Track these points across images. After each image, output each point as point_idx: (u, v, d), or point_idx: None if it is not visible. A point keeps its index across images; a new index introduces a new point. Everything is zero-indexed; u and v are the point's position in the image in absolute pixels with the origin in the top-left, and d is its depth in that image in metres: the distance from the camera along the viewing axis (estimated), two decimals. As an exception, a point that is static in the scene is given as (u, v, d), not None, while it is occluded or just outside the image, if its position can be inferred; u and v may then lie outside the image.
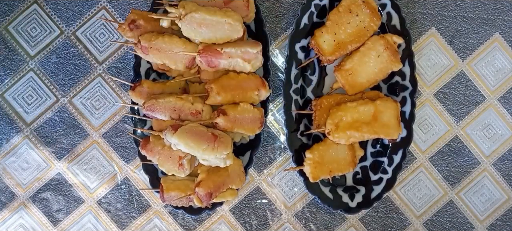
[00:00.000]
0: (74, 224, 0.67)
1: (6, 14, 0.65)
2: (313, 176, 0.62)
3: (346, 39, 0.62)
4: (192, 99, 0.60)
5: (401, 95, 0.65)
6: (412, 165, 0.69)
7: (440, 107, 0.69)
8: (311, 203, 0.69)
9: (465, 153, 0.69)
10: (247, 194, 0.68)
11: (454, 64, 0.69)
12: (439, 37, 0.68)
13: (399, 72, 0.64)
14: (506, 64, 0.69)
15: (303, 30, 0.64)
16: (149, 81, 0.62)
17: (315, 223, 0.69)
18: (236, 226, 0.68)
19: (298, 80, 0.64)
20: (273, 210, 0.68)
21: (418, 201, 0.69)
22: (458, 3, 0.68)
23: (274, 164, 0.68)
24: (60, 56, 0.66)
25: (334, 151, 0.63)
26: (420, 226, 0.70)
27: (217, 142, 0.58)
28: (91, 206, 0.67)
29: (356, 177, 0.67)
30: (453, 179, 0.70)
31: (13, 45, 0.65)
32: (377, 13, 0.62)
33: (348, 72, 0.62)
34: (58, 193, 0.67)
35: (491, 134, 0.70)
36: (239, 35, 0.58)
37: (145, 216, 0.68)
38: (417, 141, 0.69)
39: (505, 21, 0.68)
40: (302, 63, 0.64)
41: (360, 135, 0.61)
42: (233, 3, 0.60)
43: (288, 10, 0.67)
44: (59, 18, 0.65)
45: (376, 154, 0.67)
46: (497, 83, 0.69)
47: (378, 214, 0.69)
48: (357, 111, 0.61)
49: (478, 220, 0.70)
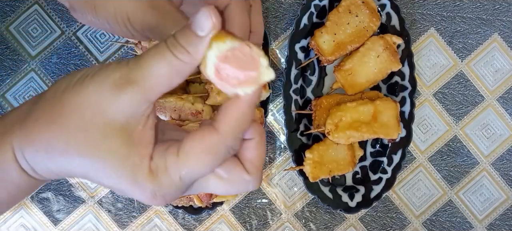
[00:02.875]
0: (74, 224, 0.68)
1: (8, 15, 0.65)
2: (313, 175, 0.62)
3: (345, 40, 0.62)
4: (193, 99, 0.60)
5: (400, 96, 0.65)
6: (411, 165, 0.69)
7: (439, 108, 0.69)
8: (311, 202, 0.69)
9: (464, 152, 0.70)
10: (247, 193, 0.68)
11: (453, 65, 0.69)
12: (438, 38, 0.69)
13: (398, 72, 0.64)
14: (505, 65, 0.69)
15: (303, 30, 0.64)
16: (150, 82, 0.62)
17: (315, 222, 0.69)
18: (236, 225, 0.69)
19: (298, 81, 0.65)
20: (273, 209, 0.69)
21: (417, 200, 0.70)
22: (457, 4, 0.68)
23: (274, 164, 0.68)
24: (61, 57, 0.66)
25: (333, 151, 0.63)
26: (419, 226, 0.70)
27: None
28: (91, 206, 0.67)
29: (356, 177, 0.68)
30: (452, 178, 0.70)
31: (14, 45, 0.65)
32: (377, 14, 0.62)
33: (348, 72, 0.63)
34: (58, 193, 0.67)
35: (490, 133, 0.70)
36: (239, 35, 0.58)
37: (145, 215, 0.68)
38: (416, 140, 0.69)
39: (504, 21, 0.69)
40: (302, 63, 0.64)
41: (360, 134, 0.61)
42: (233, 3, 0.60)
43: (288, 10, 0.67)
44: (60, 18, 0.66)
45: (375, 154, 0.67)
46: (496, 83, 0.69)
47: (377, 213, 0.69)
48: (356, 112, 0.61)
49: (477, 220, 0.70)
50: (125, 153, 0.30)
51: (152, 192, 0.30)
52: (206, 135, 0.30)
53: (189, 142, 0.30)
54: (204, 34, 0.29)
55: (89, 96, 0.29)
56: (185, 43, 0.29)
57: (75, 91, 0.30)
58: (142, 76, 0.29)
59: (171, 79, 0.29)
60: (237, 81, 0.30)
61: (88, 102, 0.29)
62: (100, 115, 0.29)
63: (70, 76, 0.31)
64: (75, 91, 0.30)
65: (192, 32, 0.29)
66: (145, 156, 0.30)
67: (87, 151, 0.30)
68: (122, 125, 0.29)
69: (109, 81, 0.29)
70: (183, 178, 0.31)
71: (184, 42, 0.29)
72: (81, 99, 0.29)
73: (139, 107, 0.30)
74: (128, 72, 0.29)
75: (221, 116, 0.31)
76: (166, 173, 0.30)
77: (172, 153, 0.30)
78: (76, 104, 0.29)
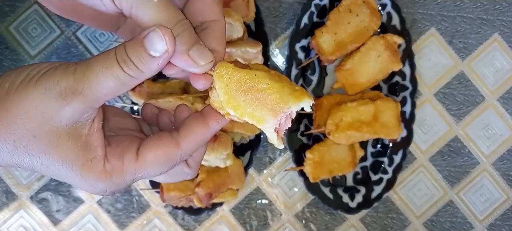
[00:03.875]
0: (74, 224, 0.67)
1: (7, 15, 0.65)
2: (313, 176, 0.62)
3: (346, 39, 0.62)
4: (192, 99, 0.60)
5: (401, 95, 0.65)
6: (412, 165, 0.69)
7: (440, 108, 0.69)
8: (311, 203, 0.69)
9: (465, 153, 0.70)
10: (247, 194, 0.68)
11: (454, 64, 0.69)
12: (439, 37, 0.68)
13: (399, 72, 0.64)
14: (505, 65, 0.69)
15: (303, 30, 0.64)
16: (149, 81, 0.62)
17: (315, 223, 0.69)
18: (236, 226, 0.68)
19: (298, 80, 0.64)
20: (273, 210, 0.69)
21: (418, 201, 0.70)
22: (458, 4, 0.68)
23: (274, 164, 0.68)
24: (60, 56, 0.66)
25: (334, 151, 0.63)
26: (420, 226, 0.70)
27: (217, 142, 0.58)
28: (91, 206, 0.67)
29: (357, 177, 0.68)
30: (452, 179, 0.70)
31: (14, 45, 0.65)
32: (377, 13, 0.62)
33: (348, 72, 0.62)
34: (57, 193, 0.67)
35: (491, 133, 0.70)
36: (239, 35, 0.58)
37: (145, 216, 0.68)
38: (417, 141, 0.69)
39: (504, 21, 0.69)
40: (302, 63, 0.64)
41: (361, 135, 0.61)
42: (233, 3, 0.60)
43: (288, 10, 0.67)
44: (59, 18, 0.65)
45: (376, 154, 0.67)
46: (496, 83, 0.69)
47: (378, 214, 0.69)
48: (357, 112, 0.61)
49: (477, 220, 0.70)
50: (74, 157, 0.30)
51: (103, 190, 0.32)
52: (166, 147, 0.32)
53: (150, 152, 0.32)
54: (158, 55, 0.29)
55: (35, 103, 0.29)
56: (136, 60, 0.29)
57: (20, 95, 0.30)
58: (89, 88, 0.29)
59: (118, 91, 0.30)
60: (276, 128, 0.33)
61: (34, 109, 0.29)
62: (46, 123, 0.29)
63: (13, 74, 0.31)
64: (19, 95, 0.30)
65: (145, 51, 0.29)
66: (95, 159, 0.31)
67: (37, 154, 0.30)
68: (68, 131, 0.30)
69: (54, 91, 0.29)
70: (136, 179, 0.33)
71: (136, 60, 0.29)
72: (27, 105, 0.29)
73: (84, 114, 0.30)
74: (75, 83, 0.29)
75: (186, 134, 0.33)
76: (122, 175, 0.32)
77: (130, 158, 0.32)
78: (22, 109, 0.29)
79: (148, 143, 0.32)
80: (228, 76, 0.32)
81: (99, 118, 0.32)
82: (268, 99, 0.31)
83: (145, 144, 0.32)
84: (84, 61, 0.30)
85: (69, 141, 0.30)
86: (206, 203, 0.60)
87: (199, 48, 0.31)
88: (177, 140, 0.32)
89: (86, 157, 0.31)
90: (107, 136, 0.33)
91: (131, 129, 0.37)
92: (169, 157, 0.32)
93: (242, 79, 0.32)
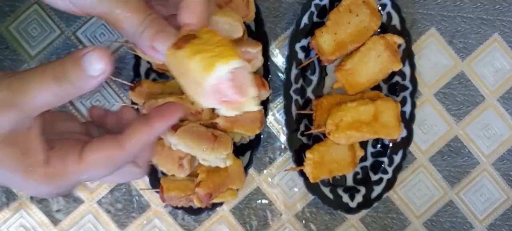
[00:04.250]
0: (74, 224, 0.67)
1: (7, 15, 0.65)
2: (313, 176, 0.62)
3: (346, 39, 0.62)
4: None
5: (401, 95, 0.65)
6: (412, 165, 0.69)
7: (440, 108, 0.69)
8: (311, 203, 0.69)
9: (465, 153, 0.70)
10: (247, 194, 0.68)
11: (454, 64, 0.69)
12: (439, 37, 0.68)
13: (399, 72, 0.64)
14: (505, 65, 0.69)
15: (303, 30, 0.64)
16: (149, 81, 0.62)
17: (315, 223, 0.69)
18: (236, 226, 0.68)
19: (298, 80, 0.64)
20: (273, 210, 0.69)
21: (418, 201, 0.70)
22: (458, 4, 0.68)
23: (274, 164, 0.68)
24: (60, 56, 0.66)
25: (334, 151, 0.63)
26: (420, 226, 0.70)
27: (217, 142, 0.58)
28: (91, 206, 0.67)
29: (357, 177, 0.68)
30: (453, 179, 0.70)
31: (14, 45, 0.65)
32: (377, 13, 0.62)
33: (348, 72, 0.62)
34: (58, 193, 0.67)
35: (491, 133, 0.70)
36: (239, 35, 0.58)
37: (145, 216, 0.68)
38: (417, 141, 0.69)
39: (504, 21, 0.69)
40: (302, 63, 0.64)
41: (361, 135, 0.61)
42: (233, 3, 0.60)
43: (288, 10, 0.67)
44: (59, 18, 0.65)
45: (376, 154, 0.67)
46: (496, 83, 0.69)
47: (378, 214, 0.69)
48: (357, 112, 0.61)
49: (477, 220, 0.70)
50: (14, 164, 0.31)
51: (48, 193, 0.32)
52: (109, 148, 0.32)
53: (92, 153, 0.32)
54: (96, 75, 0.30)
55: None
56: (74, 79, 0.30)
57: None
58: (25, 101, 0.29)
59: (56, 104, 0.31)
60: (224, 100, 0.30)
61: None
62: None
63: None
64: None
65: (82, 71, 0.30)
66: (36, 163, 0.31)
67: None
68: (5, 139, 0.30)
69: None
70: (80, 181, 0.33)
71: (74, 78, 0.30)
72: None
73: (20, 123, 0.30)
74: (11, 96, 0.29)
75: (130, 135, 0.33)
76: (65, 177, 0.32)
77: (73, 161, 0.32)
78: None
79: (92, 145, 0.33)
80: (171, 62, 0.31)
81: (39, 124, 0.32)
82: (195, 75, 0.30)
83: (89, 146, 0.33)
84: (20, 74, 0.30)
85: (7, 148, 0.30)
86: (206, 203, 0.60)
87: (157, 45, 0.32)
88: (121, 142, 0.33)
89: (26, 162, 0.31)
90: (51, 139, 0.33)
91: (76, 132, 0.37)
92: (112, 158, 0.33)
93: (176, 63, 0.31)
